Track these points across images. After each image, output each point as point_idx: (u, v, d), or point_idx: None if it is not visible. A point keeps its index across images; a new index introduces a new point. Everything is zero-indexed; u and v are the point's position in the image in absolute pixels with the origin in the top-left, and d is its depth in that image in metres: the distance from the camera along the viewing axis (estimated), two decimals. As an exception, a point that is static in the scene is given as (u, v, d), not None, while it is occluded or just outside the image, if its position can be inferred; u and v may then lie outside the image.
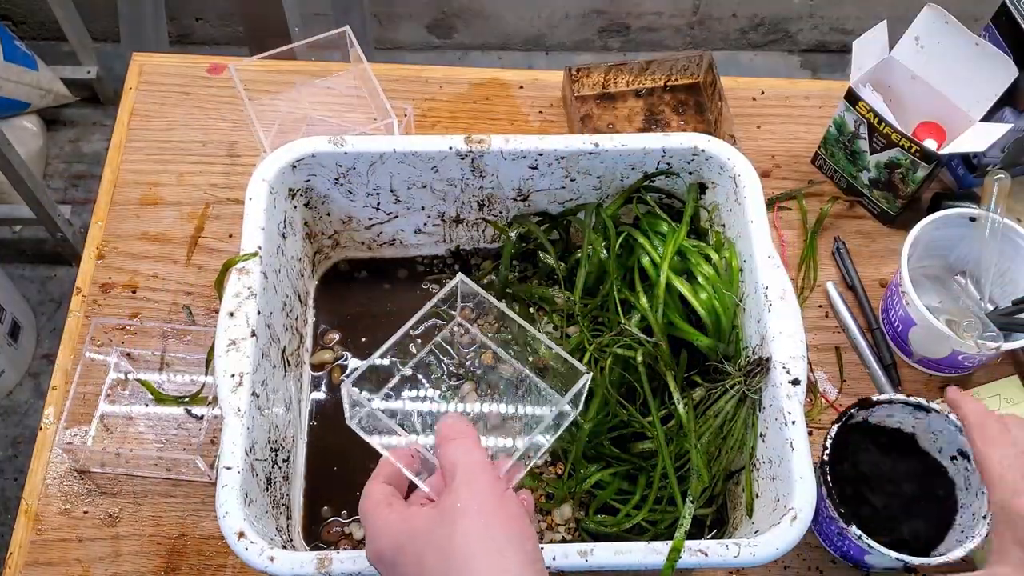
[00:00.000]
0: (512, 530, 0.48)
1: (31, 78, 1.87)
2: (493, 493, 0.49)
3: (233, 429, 0.65)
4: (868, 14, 2.13)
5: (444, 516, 0.49)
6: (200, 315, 0.90)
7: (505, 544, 0.48)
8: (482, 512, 0.48)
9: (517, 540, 0.48)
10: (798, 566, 0.80)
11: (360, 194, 0.82)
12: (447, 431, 0.53)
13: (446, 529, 0.48)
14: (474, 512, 0.48)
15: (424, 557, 0.49)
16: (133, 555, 0.78)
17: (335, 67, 1.02)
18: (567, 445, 0.76)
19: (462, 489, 0.49)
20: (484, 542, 0.47)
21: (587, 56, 2.22)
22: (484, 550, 0.47)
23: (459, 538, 0.48)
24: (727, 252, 0.78)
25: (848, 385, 0.89)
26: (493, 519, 0.48)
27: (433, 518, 0.50)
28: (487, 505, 0.49)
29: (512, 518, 0.49)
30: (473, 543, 0.47)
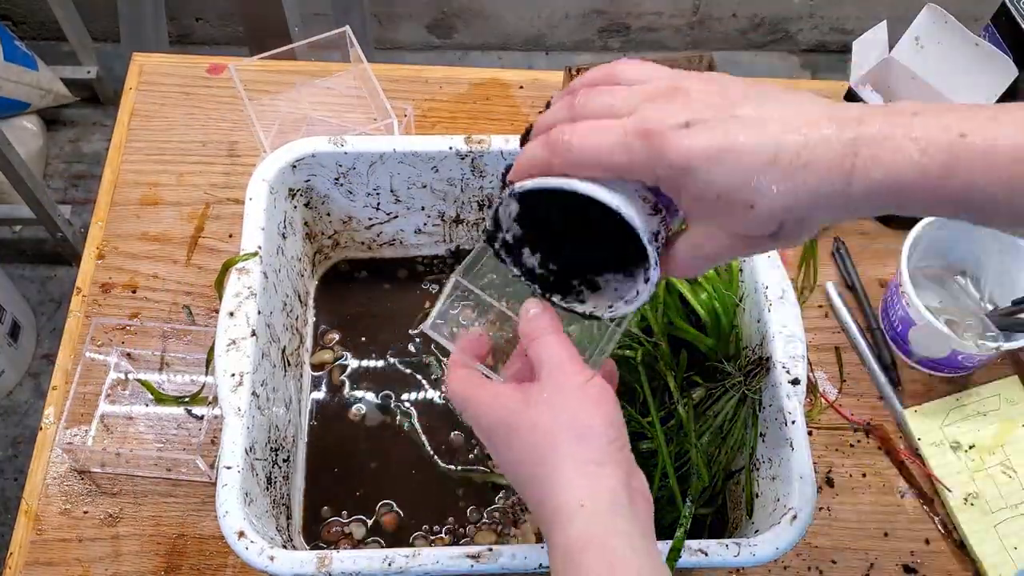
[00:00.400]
0: (594, 417, 0.49)
1: (31, 78, 1.87)
2: (574, 384, 0.50)
3: (233, 429, 0.65)
4: (868, 14, 2.13)
5: (530, 404, 0.50)
6: (200, 315, 0.90)
7: (586, 430, 0.49)
8: (565, 402, 0.50)
9: (600, 425, 0.49)
10: (798, 566, 0.80)
11: (360, 194, 0.82)
12: (530, 330, 0.53)
13: (531, 417, 0.50)
14: (558, 403, 0.50)
15: (512, 440, 0.51)
16: (133, 555, 0.78)
17: (335, 67, 1.02)
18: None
19: (547, 383, 0.51)
20: (566, 430, 0.49)
21: (587, 56, 2.22)
22: (565, 436, 0.49)
23: (542, 427, 0.49)
24: (727, 252, 0.78)
25: (848, 385, 0.89)
26: (575, 407, 0.49)
27: (520, 403, 0.51)
28: (569, 396, 0.50)
29: (594, 404, 0.50)
30: (554, 428, 0.49)
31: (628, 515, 0.48)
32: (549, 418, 0.50)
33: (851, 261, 0.95)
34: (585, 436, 0.49)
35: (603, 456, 0.49)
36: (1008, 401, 0.87)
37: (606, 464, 0.48)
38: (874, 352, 0.90)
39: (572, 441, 0.49)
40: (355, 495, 0.78)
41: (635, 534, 0.47)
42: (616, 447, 0.49)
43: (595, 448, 0.49)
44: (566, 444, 0.49)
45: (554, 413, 0.50)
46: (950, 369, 0.88)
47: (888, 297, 0.90)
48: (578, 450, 0.48)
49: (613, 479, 0.48)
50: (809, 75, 2.23)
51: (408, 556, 0.60)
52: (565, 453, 0.49)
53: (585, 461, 0.48)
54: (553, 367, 0.51)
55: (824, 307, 0.93)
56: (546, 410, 0.50)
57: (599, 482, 0.48)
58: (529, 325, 0.53)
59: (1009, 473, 0.84)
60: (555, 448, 0.49)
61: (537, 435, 0.50)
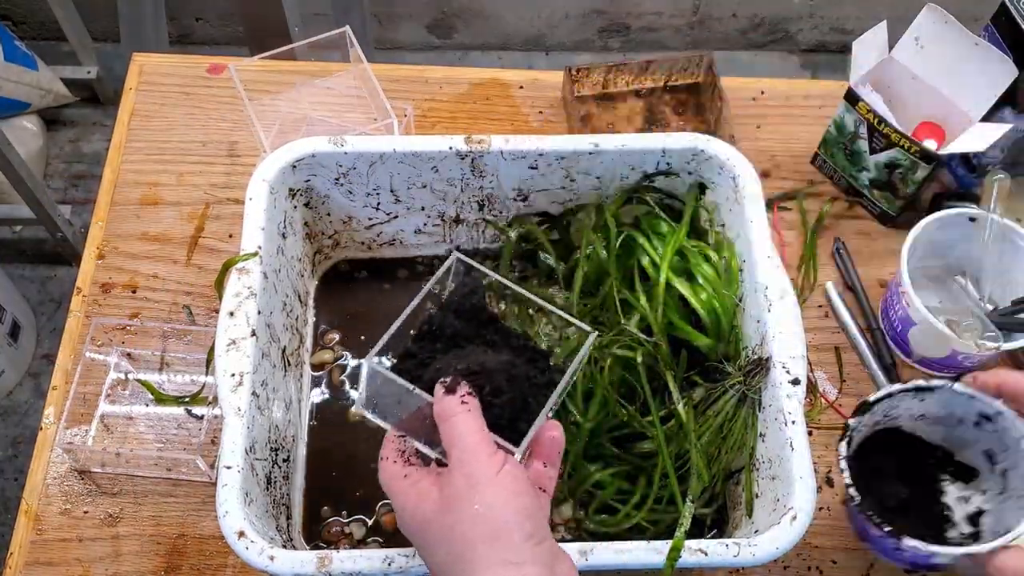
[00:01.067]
0: (507, 512, 0.48)
1: (31, 78, 1.87)
2: (486, 475, 0.49)
3: (233, 429, 0.65)
4: (868, 14, 2.13)
5: (444, 503, 0.50)
6: (200, 315, 0.90)
7: (500, 527, 0.48)
8: (477, 498, 0.48)
9: (514, 521, 0.48)
10: (798, 566, 0.80)
11: (360, 194, 0.82)
12: (440, 410, 0.52)
13: (445, 521, 0.49)
14: (466, 501, 0.48)
15: (431, 544, 0.50)
16: (133, 555, 0.78)
17: (335, 67, 1.02)
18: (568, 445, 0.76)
19: (456, 473, 0.50)
20: (478, 528, 0.48)
21: (587, 56, 2.22)
22: (480, 537, 0.48)
23: (457, 530, 0.48)
24: (727, 252, 0.78)
25: (848, 385, 0.89)
26: (488, 503, 0.48)
27: (436, 505, 0.50)
28: (481, 489, 0.48)
29: (505, 499, 0.48)
30: (468, 531, 0.48)
31: None
32: (461, 521, 0.48)
33: (851, 261, 0.95)
34: (499, 535, 0.48)
35: (519, 555, 0.47)
36: (1008, 401, 0.87)
37: (524, 563, 0.47)
38: (874, 352, 0.90)
39: (487, 542, 0.48)
40: (355, 495, 0.78)
41: None
42: (533, 543, 0.48)
43: (510, 547, 0.47)
44: (481, 546, 0.48)
45: (465, 514, 0.48)
46: (950, 369, 0.88)
47: (888, 297, 0.90)
48: (493, 551, 0.47)
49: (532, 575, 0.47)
50: (809, 75, 2.23)
51: (408, 556, 0.61)
52: (479, 558, 0.47)
53: (501, 562, 0.47)
54: (463, 454, 0.50)
55: (824, 307, 0.93)
56: (458, 512, 0.49)
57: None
58: (439, 405, 0.52)
59: (1009, 473, 0.84)
60: (471, 552, 0.48)
61: (454, 538, 0.49)
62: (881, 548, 0.72)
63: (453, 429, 0.51)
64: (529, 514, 0.49)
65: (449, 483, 0.50)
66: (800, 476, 0.64)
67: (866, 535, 0.73)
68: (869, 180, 0.96)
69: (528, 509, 0.49)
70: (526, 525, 0.48)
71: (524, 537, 0.48)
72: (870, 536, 0.72)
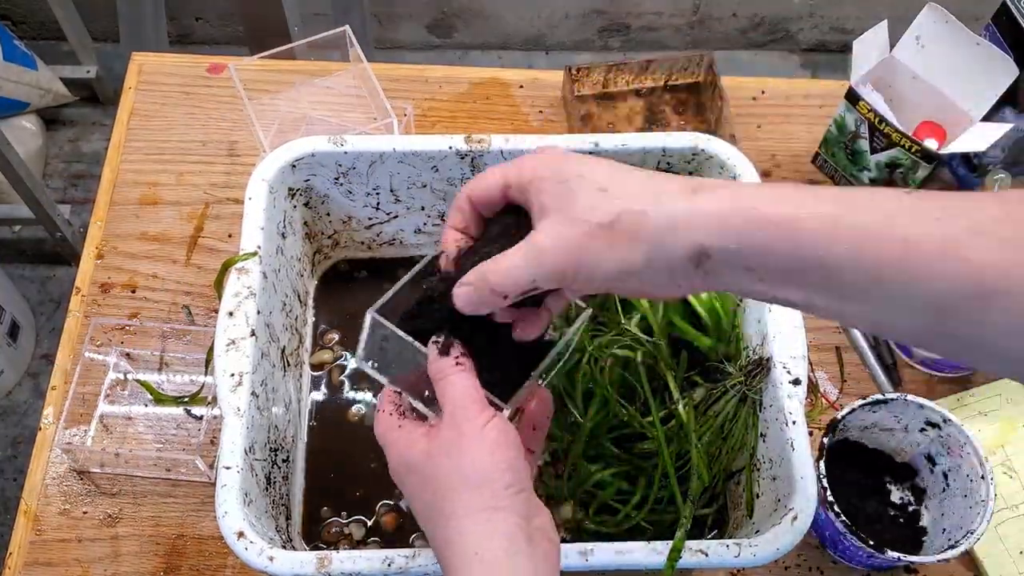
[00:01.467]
0: (489, 463, 0.49)
1: (31, 78, 1.87)
2: (473, 429, 0.50)
3: (233, 429, 0.65)
4: (868, 14, 2.13)
5: (431, 452, 0.51)
6: (200, 315, 0.90)
7: (482, 476, 0.49)
8: (462, 449, 0.50)
9: (495, 472, 0.49)
10: (798, 566, 0.80)
11: (360, 194, 0.82)
12: (435, 370, 0.53)
13: (431, 467, 0.51)
14: (456, 450, 0.50)
15: (417, 489, 0.52)
16: (133, 555, 0.78)
17: (335, 67, 1.02)
18: (568, 445, 0.76)
19: (446, 425, 0.51)
20: (461, 476, 0.49)
21: (587, 56, 2.22)
22: (462, 484, 0.49)
23: (441, 476, 0.50)
24: (727, 252, 0.77)
25: (848, 385, 0.89)
26: (472, 454, 0.50)
27: (424, 453, 0.52)
28: (468, 442, 0.50)
29: (490, 450, 0.50)
30: (451, 478, 0.50)
31: (526, 557, 0.48)
32: (447, 468, 0.50)
33: (851, 261, 0.94)
34: (480, 484, 0.49)
35: (498, 502, 0.49)
36: (1009, 401, 0.87)
37: (501, 510, 0.49)
38: (875, 352, 0.90)
39: (467, 490, 0.49)
40: (355, 495, 0.78)
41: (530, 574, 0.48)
42: (512, 492, 0.49)
43: (489, 495, 0.49)
44: (462, 493, 0.49)
45: (451, 462, 0.50)
46: (951, 369, 0.88)
47: (888, 297, 0.90)
48: (473, 499, 0.49)
49: (509, 523, 0.48)
50: (809, 75, 2.23)
51: (408, 556, 0.60)
52: (460, 503, 0.49)
53: (480, 509, 0.49)
54: (455, 409, 0.51)
55: (824, 307, 0.93)
56: (444, 459, 0.50)
57: (494, 528, 0.48)
58: (434, 365, 0.53)
59: (1009, 473, 0.84)
60: (452, 498, 0.49)
61: (437, 485, 0.50)
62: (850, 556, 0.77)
63: (446, 387, 0.52)
64: (511, 466, 0.50)
65: (438, 434, 0.51)
66: (801, 476, 0.64)
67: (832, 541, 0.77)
68: (870, 180, 0.96)
69: (511, 461, 0.50)
70: (507, 475, 0.49)
71: (504, 486, 0.49)
72: (840, 543, 0.76)
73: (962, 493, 0.76)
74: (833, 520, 0.72)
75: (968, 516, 0.73)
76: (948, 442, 0.77)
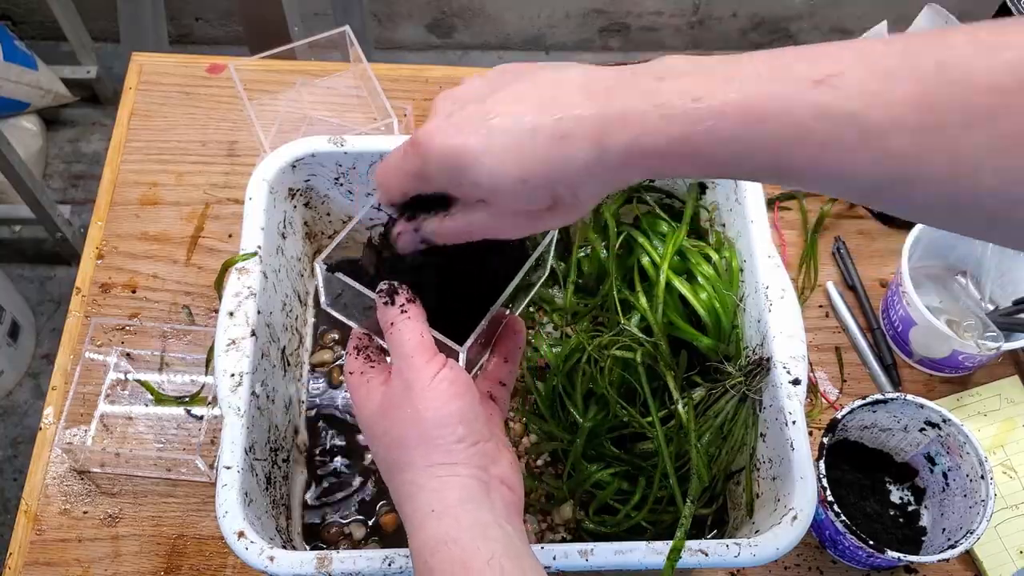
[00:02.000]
0: (439, 416, 0.49)
1: (31, 78, 1.87)
2: (422, 381, 0.49)
3: (233, 429, 0.65)
4: (868, 14, 2.13)
5: (383, 406, 0.51)
6: (200, 315, 0.90)
7: (432, 431, 0.49)
8: (411, 402, 0.49)
9: (446, 424, 0.49)
10: (798, 566, 0.80)
11: (360, 194, 0.82)
12: (384, 319, 0.52)
13: (386, 422, 0.50)
14: (404, 404, 0.49)
15: (374, 445, 0.52)
16: (133, 555, 0.78)
17: (335, 67, 1.02)
18: (568, 445, 0.76)
19: (395, 379, 0.50)
20: (411, 432, 0.49)
21: (587, 56, 2.22)
22: (412, 440, 0.49)
23: (394, 431, 0.50)
24: (727, 252, 0.78)
25: (848, 385, 0.89)
26: (420, 408, 0.49)
27: (379, 406, 0.51)
28: (416, 394, 0.49)
29: (440, 402, 0.49)
30: (402, 434, 0.49)
31: (482, 507, 0.48)
32: (399, 422, 0.49)
33: (851, 261, 0.94)
34: (431, 439, 0.49)
35: (451, 456, 0.49)
36: (1008, 401, 0.87)
37: (455, 464, 0.48)
38: (875, 352, 0.90)
39: (419, 446, 0.49)
40: (355, 495, 0.78)
41: (489, 523, 0.47)
42: (465, 444, 0.49)
43: (442, 449, 0.49)
44: (414, 449, 0.49)
45: (402, 416, 0.49)
46: (950, 369, 0.88)
47: (888, 297, 0.90)
48: (425, 454, 0.49)
49: (463, 476, 0.48)
50: (809, 75, 2.23)
51: (408, 556, 0.60)
52: (413, 460, 0.49)
53: (433, 464, 0.48)
54: (402, 360, 0.50)
55: (825, 307, 0.93)
56: (395, 413, 0.50)
57: (447, 482, 0.48)
58: (381, 315, 0.52)
59: (1009, 473, 0.84)
60: (405, 453, 0.49)
61: (391, 439, 0.50)
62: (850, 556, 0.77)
63: (392, 337, 0.51)
64: (463, 418, 0.49)
65: (390, 389, 0.51)
66: (801, 476, 0.64)
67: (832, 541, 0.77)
68: (869, 180, 0.95)
69: (462, 412, 0.49)
70: (459, 429, 0.49)
71: (455, 439, 0.49)
72: (840, 543, 0.76)
73: (962, 493, 0.76)
74: (833, 520, 0.72)
75: (968, 516, 0.74)
76: (948, 442, 0.77)
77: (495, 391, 0.57)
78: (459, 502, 0.48)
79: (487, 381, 0.57)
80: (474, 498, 0.48)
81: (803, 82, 0.39)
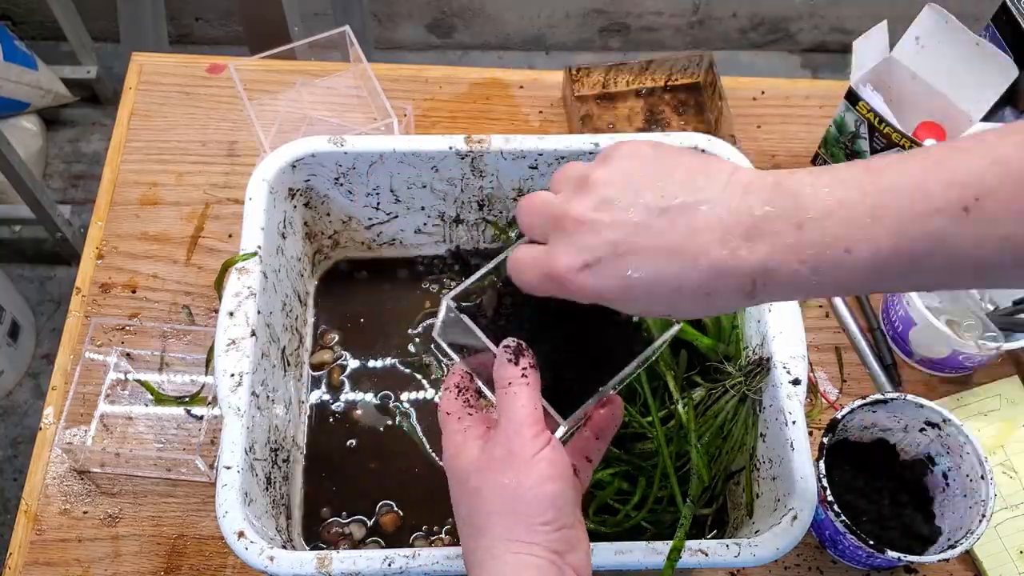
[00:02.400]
0: (532, 495, 0.48)
1: (31, 78, 1.87)
2: (525, 455, 0.49)
3: (233, 429, 0.65)
4: (868, 14, 2.13)
5: (479, 465, 0.50)
6: (200, 315, 0.90)
7: (521, 507, 0.48)
8: (510, 474, 0.49)
9: (536, 504, 0.48)
10: (798, 566, 0.80)
11: (360, 194, 0.82)
12: (499, 377, 0.51)
13: (476, 479, 0.50)
14: (501, 472, 0.49)
15: (460, 498, 0.51)
16: (133, 555, 0.78)
17: (335, 67, 1.02)
18: (567, 445, 0.76)
19: (499, 441, 0.50)
20: (500, 502, 0.49)
21: (587, 56, 2.22)
22: (499, 510, 0.49)
23: (484, 493, 0.49)
24: (727, 252, 0.77)
25: (848, 385, 0.89)
26: (517, 482, 0.49)
27: (473, 461, 0.51)
28: (516, 467, 0.49)
29: (537, 482, 0.49)
30: (490, 501, 0.49)
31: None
32: (491, 487, 0.49)
33: (851, 261, 0.94)
34: (518, 515, 0.48)
35: (533, 536, 0.48)
36: (1008, 401, 0.87)
37: (535, 544, 0.48)
38: (875, 352, 0.90)
39: (506, 516, 0.49)
40: (355, 495, 0.78)
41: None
42: (550, 528, 0.49)
43: (527, 527, 0.48)
44: (500, 517, 0.49)
45: (496, 482, 0.49)
46: (950, 369, 0.88)
47: (889, 297, 0.90)
48: (510, 526, 0.48)
49: (539, 557, 0.48)
50: (809, 75, 2.23)
51: (408, 556, 0.60)
52: (495, 528, 0.49)
53: (513, 540, 0.48)
54: (510, 427, 0.50)
55: (825, 307, 0.93)
56: (488, 478, 0.49)
57: (522, 559, 0.48)
58: (499, 371, 0.51)
59: (1009, 473, 0.84)
60: (488, 521, 0.49)
61: (478, 503, 0.50)
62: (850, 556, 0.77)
63: (506, 399, 0.50)
64: (554, 502, 0.49)
65: (490, 448, 0.50)
66: (801, 476, 0.64)
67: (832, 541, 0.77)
68: (869, 180, 0.95)
69: (554, 497, 0.49)
70: (548, 512, 0.49)
71: (543, 521, 0.48)
72: (840, 543, 0.76)
73: (962, 493, 0.76)
74: (833, 520, 0.72)
75: (968, 516, 0.74)
76: (948, 442, 0.77)
77: (580, 466, 0.56)
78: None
79: (574, 454, 0.56)
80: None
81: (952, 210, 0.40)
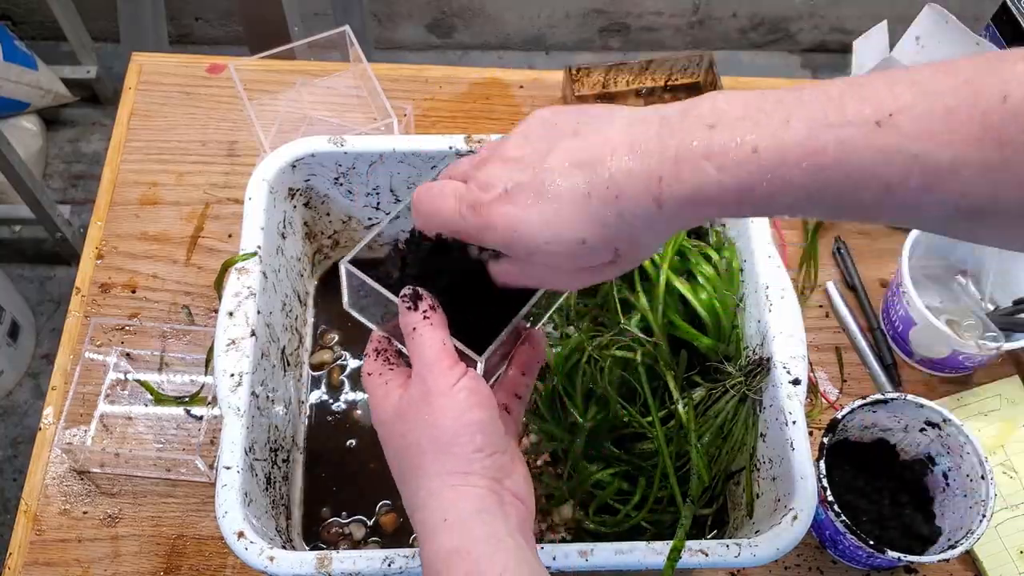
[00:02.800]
0: (457, 426, 0.49)
1: (31, 78, 1.87)
2: (441, 388, 0.49)
3: (233, 429, 0.65)
4: (868, 14, 2.13)
5: (401, 410, 0.51)
6: (200, 315, 0.90)
7: (449, 439, 0.49)
8: (429, 410, 0.49)
9: (464, 434, 0.49)
10: (798, 566, 0.80)
11: (360, 194, 0.82)
12: (405, 323, 0.52)
13: (401, 425, 0.50)
14: (423, 411, 0.49)
15: (388, 448, 0.52)
16: (133, 555, 0.78)
17: (335, 67, 1.02)
18: (568, 445, 0.76)
19: (415, 384, 0.50)
20: (427, 439, 0.49)
21: (587, 56, 2.22)
22: (428, 447, 0.49)
23: (411, 436, 0.50)
24: (727, 252, 0.78)
25: (849, 385, 0.89)
26: (438, 416, 0.49)
27: (396, 409, 0.51)
28: (434, 402, 0.49)
29: (458, 411, 0.49)
30: (418, 440, 0.49)
31: (495, 518, 0.48)
32: (415, 428, 0.49)
33: (852, 261, 0.94)
34: (448, 447, 0.49)
35: (467, 466, 0.48)
36: (1009, 401, 0.87)
37: (471, 474, 0.48)
38: (875, 352, 0.90)
39: (435, 452, 0.49)
40: (355, 495, 0.78)
41: (502, 535, 0.47)
42: (482, 455, 0.49)
43: (458, 459, 0.48)
44: (430, 456, 0.49)
45: (419, 422, 0.49)
46: (951, 369, 0.88)
47: (889, 297, 0.90)
48: (441, 463, 0.48)
49: (478, 487, 0.48)
50: (809, 75, 2.23)
51: (408, 556, 0.60)
52: (428, 467, 0.49)
53: (448, 473, 0.48)
54: (423, 365, 0.50)
55: (825, 307, 0.93)
56: (413, 418, 0.50)
57: (462, 492, 0.48)
58: (403, 319, 0.52)
59: (1010, 473, 0.84)
60: (421, 459, 0.49)
61: (406, 445, 0.50)
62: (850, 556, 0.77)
63: (414, 342, 0.51)
64: (481, 428, 0.49)
65: (408, 392, 0.51)
66: (801, 476, 0.64)
67: (832, 541, 0.77)
68: (870, 180, 0.95)
69: (481, 423, 0.49)
70: (476, 438, 0.49)
71: (473, 449, 0.49)
72: (840, 543, 0.76)
73: (962, 493, 0.76)
74: (833, 520, 0.72)
75: (968, 516, 0.74)
76: (948, 442, 0.77)
77: (511, 403, 0.56)
78: (473, 513, 0.47)
79: (503, 393, 0.57)
80: (488, 509, 0.48)
81: (863, 124, 0.38)
